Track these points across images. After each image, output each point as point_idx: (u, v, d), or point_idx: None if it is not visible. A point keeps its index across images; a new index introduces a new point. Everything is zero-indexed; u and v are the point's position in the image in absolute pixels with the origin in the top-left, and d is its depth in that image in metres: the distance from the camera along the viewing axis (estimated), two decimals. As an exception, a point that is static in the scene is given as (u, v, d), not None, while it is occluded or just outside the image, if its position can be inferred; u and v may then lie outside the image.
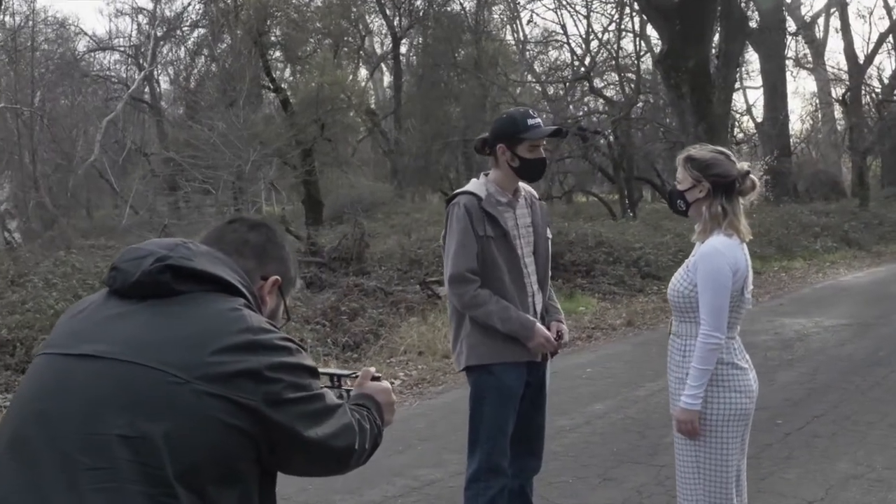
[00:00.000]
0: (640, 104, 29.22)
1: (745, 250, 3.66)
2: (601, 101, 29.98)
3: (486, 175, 4.39)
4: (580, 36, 36.49)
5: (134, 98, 29.56)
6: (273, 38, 28.71)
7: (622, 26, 29.74)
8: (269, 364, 1.93)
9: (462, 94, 30.65)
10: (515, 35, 35.69)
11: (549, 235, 4.56)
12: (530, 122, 4.22)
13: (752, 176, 3.70)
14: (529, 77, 33.93)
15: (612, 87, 31.52)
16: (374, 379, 2.44)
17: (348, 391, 2.42)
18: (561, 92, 31.76)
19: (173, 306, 1.96)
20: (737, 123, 32.49)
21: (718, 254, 3.58)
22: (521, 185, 4.45)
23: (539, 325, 4.30)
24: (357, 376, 2.46)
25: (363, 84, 33.84)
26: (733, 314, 3.63)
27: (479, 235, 4.20)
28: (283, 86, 28.56)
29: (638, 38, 29.73)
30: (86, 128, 28.42)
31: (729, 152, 3.76)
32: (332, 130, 27.15)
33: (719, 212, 3.64)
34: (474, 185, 4.35)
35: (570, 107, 31.62)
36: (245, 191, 23.96)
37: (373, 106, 34.10)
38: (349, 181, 30.10)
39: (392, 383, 8.76)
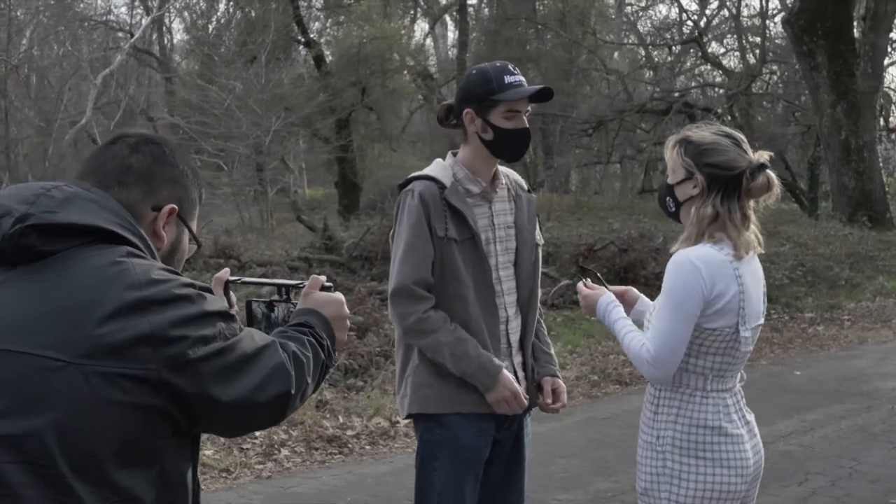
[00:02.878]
0: (765, 76, 28.50)
1: (742, 270, 3.37)
2: (717, 71, 29.33)
3: (455, 155, 4.03)
4: (695, -12, 35.89)
5: (138, 49, 29.36)
6: (310, -20, 28.54)
7: (748, -24, 29.12)
8: (166, 322, 1.97)
9: (542, 56, 30.36)
10: (614, -16, 35.11)
11: (540, 241, 4.14)
12: (508, 78, 3.84)
13: (768, 171, 3.38)
14: (630, 38, 33.39)
15: (731, 53, 30.90)
16: (325, 289, 2.50)
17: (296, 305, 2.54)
18: (669, 58, 31.25)
19: (45, 272, 2.00)
20: (893, 106, 31.47)
21: (690, 266, 3.31)
22: (504, 170, 4.08)
23: (506, 373, 3.86)
24: (304, 287, 2.53)
25: (420, 41, 33.67)
26: (724, 359, 3.37)
27: (438, 237, 3.81)
28: (318, 39, 28.52)
29: (767, -8, 29.04)
30: (78, 83, 28.38)
31: (740, 136, 3.48)
32: (376, 96, 27.05)
33: (708, 214, 3.36)
34: (438, 167, 3.97)
35: (680, 77, 31.10)
36: (264, 167, 23.88)
37: (432, 68, 33.79)
38: (397, 160, 29.80)
39: (396, 423, 8.38)
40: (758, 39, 28.78)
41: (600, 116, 27.17)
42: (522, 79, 3.87)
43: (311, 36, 27.86)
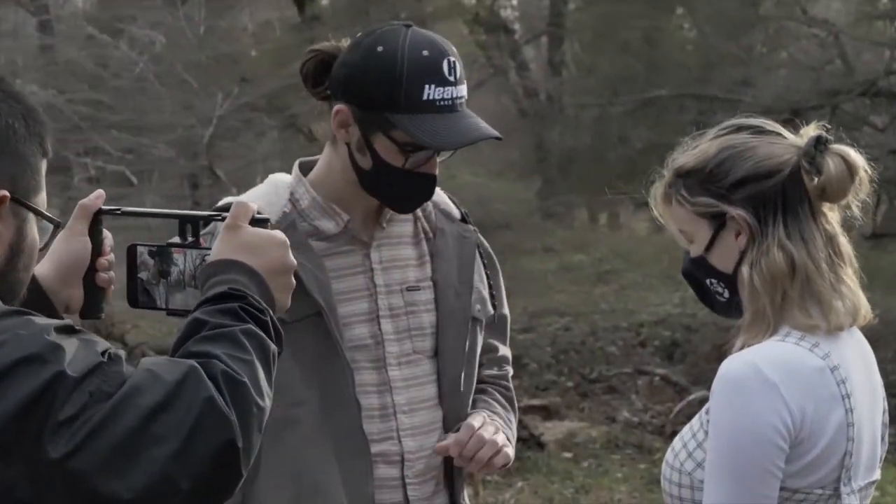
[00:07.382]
0: None
1: (848, 372, 3.25)
2: None
3: (302, 171, 4.08)
4: None
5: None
6: None
7: None
8: (7, 413, 2.15)
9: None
10: None
11: (497, 310, 4.24)
12: (431, 90, 3.69)
13: (835, 147, 3.32)
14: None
15: None
16: (257, 223, 2.64)
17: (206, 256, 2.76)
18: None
19: None
20: None
21: (758, 382, 3.17)
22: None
23: None
24: (223, 219, 2.71)
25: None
26: None
27: None
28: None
29: None
30: None
31: (758, 121, 3.49)
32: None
33: (778, 264, 3.25)
34: (268, 189, 4.06)
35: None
36: (200, 181, 24.19)
37: (505, 12, 33.11)
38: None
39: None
40: None
41: (796, 102, 24.73)
42: (460, 91, 3.76)
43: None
